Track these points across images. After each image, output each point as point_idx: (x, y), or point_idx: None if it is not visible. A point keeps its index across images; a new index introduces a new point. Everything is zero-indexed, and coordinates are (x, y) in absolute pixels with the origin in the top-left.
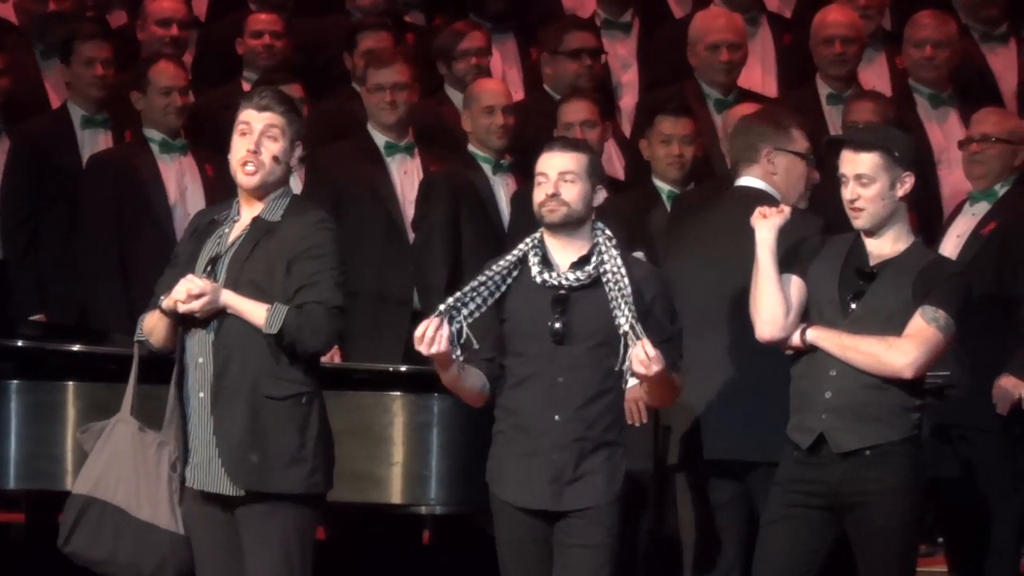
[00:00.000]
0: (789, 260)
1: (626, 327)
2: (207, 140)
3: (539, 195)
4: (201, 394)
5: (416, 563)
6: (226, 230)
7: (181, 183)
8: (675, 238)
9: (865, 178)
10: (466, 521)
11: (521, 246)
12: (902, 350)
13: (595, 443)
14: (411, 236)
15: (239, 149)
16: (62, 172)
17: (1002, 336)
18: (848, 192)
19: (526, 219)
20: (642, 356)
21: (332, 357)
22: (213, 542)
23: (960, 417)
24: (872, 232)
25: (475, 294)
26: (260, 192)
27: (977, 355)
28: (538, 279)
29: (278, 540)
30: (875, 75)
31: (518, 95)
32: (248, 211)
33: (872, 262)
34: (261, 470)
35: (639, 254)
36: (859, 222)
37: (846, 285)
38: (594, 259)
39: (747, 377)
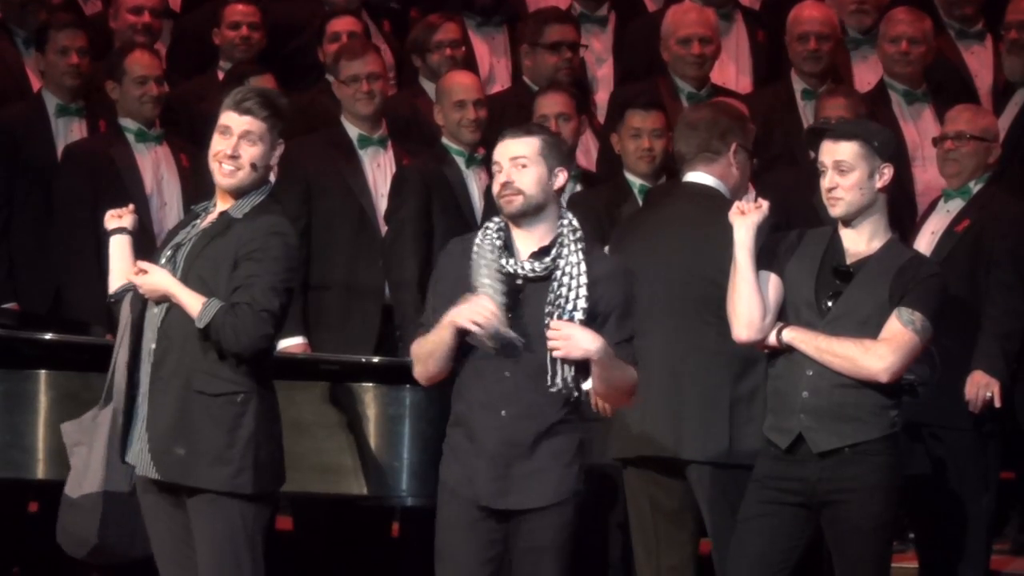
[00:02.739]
0: (767, 257)
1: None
2: (182, 130)
3: (495, 185)
4: (148, 379)
5: (385, 555)
6: (198, 221)
7: (157, 173)
8: (624, 234)
9: (844, 165)
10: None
11: (483, 236)
12: (878, 354)
13: (547, 440)
14: (383, 228)
15: (216, 148)
16: (36, 161)
17: (974, 333)
18: (827, 180)
19: (498, 213)
20: (553, 333)
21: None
22: (169, 533)
23: (931, 415)
24: (849, 222)
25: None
26: (236, 193)
27: (949, 352)
28: None
29: (222, 533)
30: (870, 72)
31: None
32: (222, 205)
33: (849, 260)
34: (184, 463)
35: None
36: (836, 210)
37: (823, 286)
38: (554, 251)
39: (690, 375)
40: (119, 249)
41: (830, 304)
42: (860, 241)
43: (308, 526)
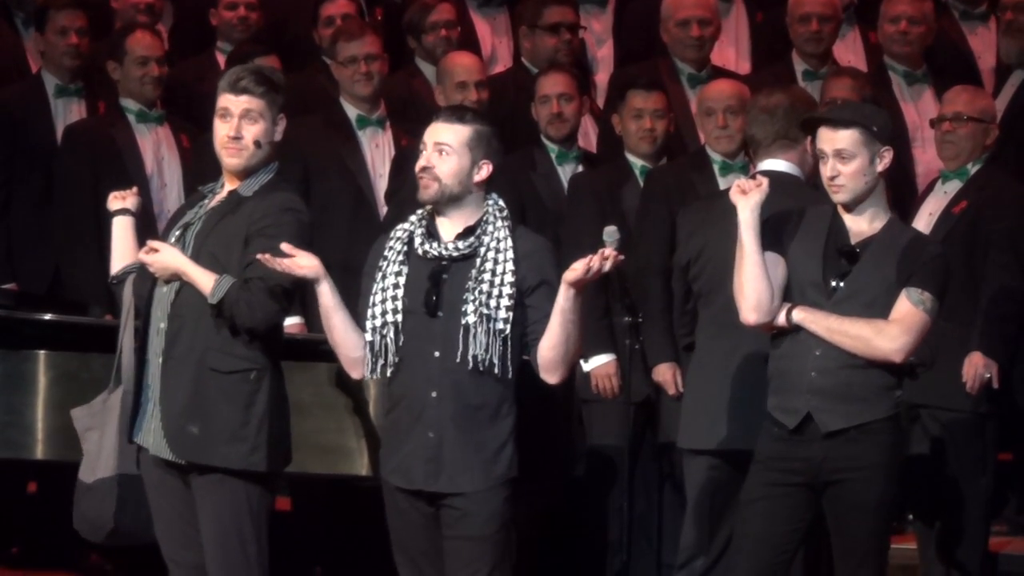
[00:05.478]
0: (769, 238)
1: (473, 318)
2: (180, 110)
3: (417, 166)
4: (159, 359)
5: (384, 535)
6: (206, 201)
7: (158, 153)
8: (700, 222)
9: (845, 153)
10: None
11: (406, 225)
12: (890, 335)
13: (478, 423)
14: (381, 209)
15: (220, 134)
16: (35, 141)
17: (972, 314)
18: (828, 169)
19: (498, 193)
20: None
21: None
22: (173, 511)
23: (930, 396)
24: (850, 207)
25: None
26: (243, 173)
27: (946, 334)
28: (420, 251)
29: (229, 513)
30: (849, 50)
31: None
32: (229, 185)
33: (853, 240)
34: (200, 442)
35: (612, 228)
36: (839, 197)
37: (830, 266)
38: (479, 229)
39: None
40: (122, 231)
41: (837, 284)
42: (862, 222)
43: (307, 507)
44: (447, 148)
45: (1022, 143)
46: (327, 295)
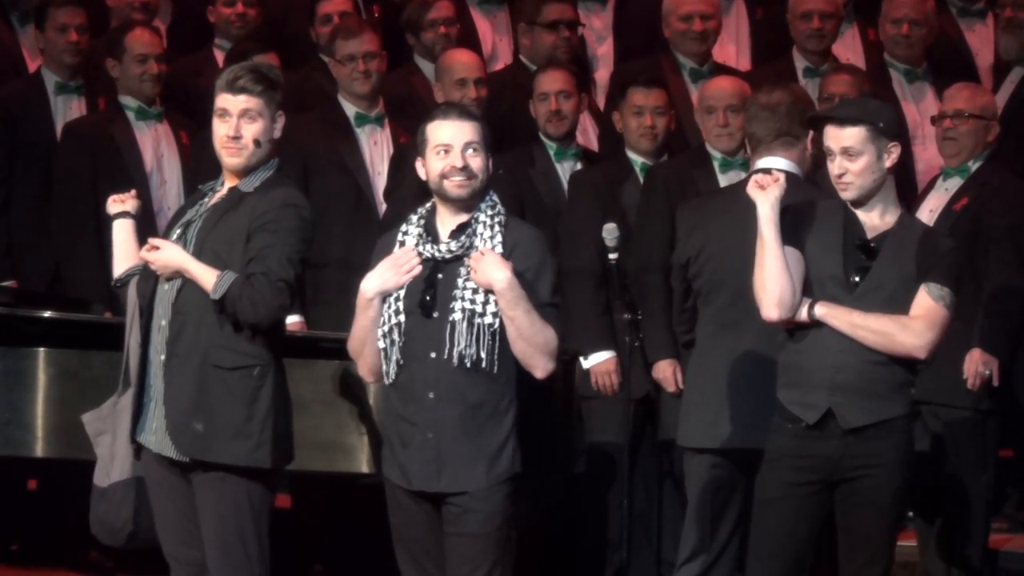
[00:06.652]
0: (785, 232)
1: (458, 315)
2: (179, 107)
3: (442, 166)
4: (162, 357)
5: (385, 532)
6: (206, 199)
7: (157, 150)
8: (702, 220)
9: (852, 151)
10: None
11: (411, 228)
12: (915, 331)
13: (477, 422)
14: (380, 206)
15: (219, 134)
16: (35, 139)
17: (973, 311)
18: (836, 167)
19: (497, 189)
20: (475, 254)
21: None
22: (174, 509)
23: (931, 393)
24: (859, 204)
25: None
26: (243, 172)
27: (947, 330)
28: (415, 251)
29: (230, 510)
30: (847, 47)
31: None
32: (230, 183)
33: (868, 235)
34: (204, 439)
35: (612, 226)
36: (847, 194)
37: (850, 261)
38: (469, 228)
39: (772, 366)
40: (122, 233)
41: (857, 279)
42: (875, 217)
43: (308, 504)
44: (476, 145)
45: (1022, 140)
46: (378, 310)
